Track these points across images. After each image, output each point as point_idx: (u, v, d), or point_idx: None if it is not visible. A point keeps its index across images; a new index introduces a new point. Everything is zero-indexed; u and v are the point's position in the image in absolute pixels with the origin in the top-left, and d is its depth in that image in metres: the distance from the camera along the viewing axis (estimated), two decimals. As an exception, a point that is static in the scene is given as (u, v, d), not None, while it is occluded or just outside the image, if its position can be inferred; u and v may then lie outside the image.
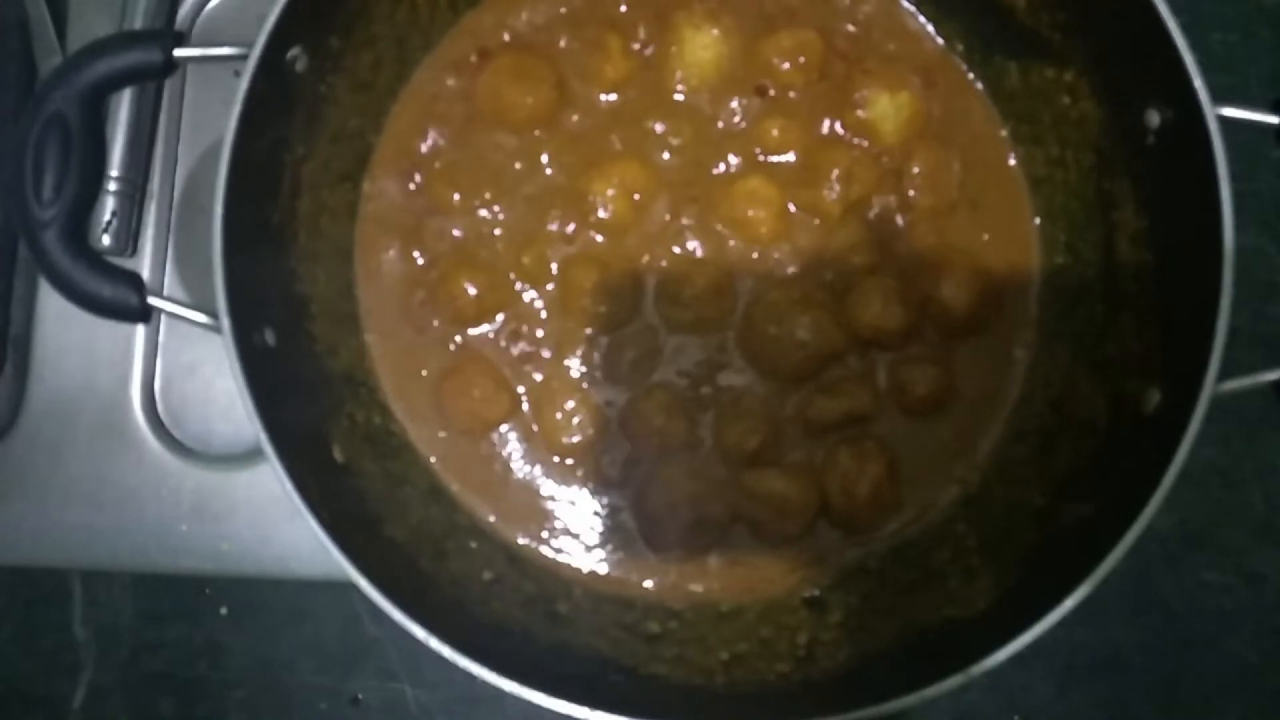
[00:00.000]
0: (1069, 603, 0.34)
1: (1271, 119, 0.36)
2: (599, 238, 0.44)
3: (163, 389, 0.49)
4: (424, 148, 0.45)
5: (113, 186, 0.47)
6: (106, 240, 0.47)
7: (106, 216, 0.47)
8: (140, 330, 0.49)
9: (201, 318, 0.37)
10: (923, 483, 0.43)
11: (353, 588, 0.35)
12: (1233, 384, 0.35)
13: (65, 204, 0.36)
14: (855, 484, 0.42)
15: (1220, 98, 0.35)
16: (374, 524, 0.40)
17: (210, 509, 0.48)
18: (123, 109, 0.48)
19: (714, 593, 0.43)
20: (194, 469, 0.48)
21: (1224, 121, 0.35)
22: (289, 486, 0.35)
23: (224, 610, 0.49)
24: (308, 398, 0.41)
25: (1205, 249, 0.35)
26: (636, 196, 0.44)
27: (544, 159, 0.45)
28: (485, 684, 0.35)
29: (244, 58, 0.36)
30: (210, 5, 0.50)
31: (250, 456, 0.47)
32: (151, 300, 0.37)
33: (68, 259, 0.36)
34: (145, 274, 0.49)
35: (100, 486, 0.48)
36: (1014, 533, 0.41)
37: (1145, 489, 0.34)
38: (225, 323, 0.36)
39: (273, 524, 0.47)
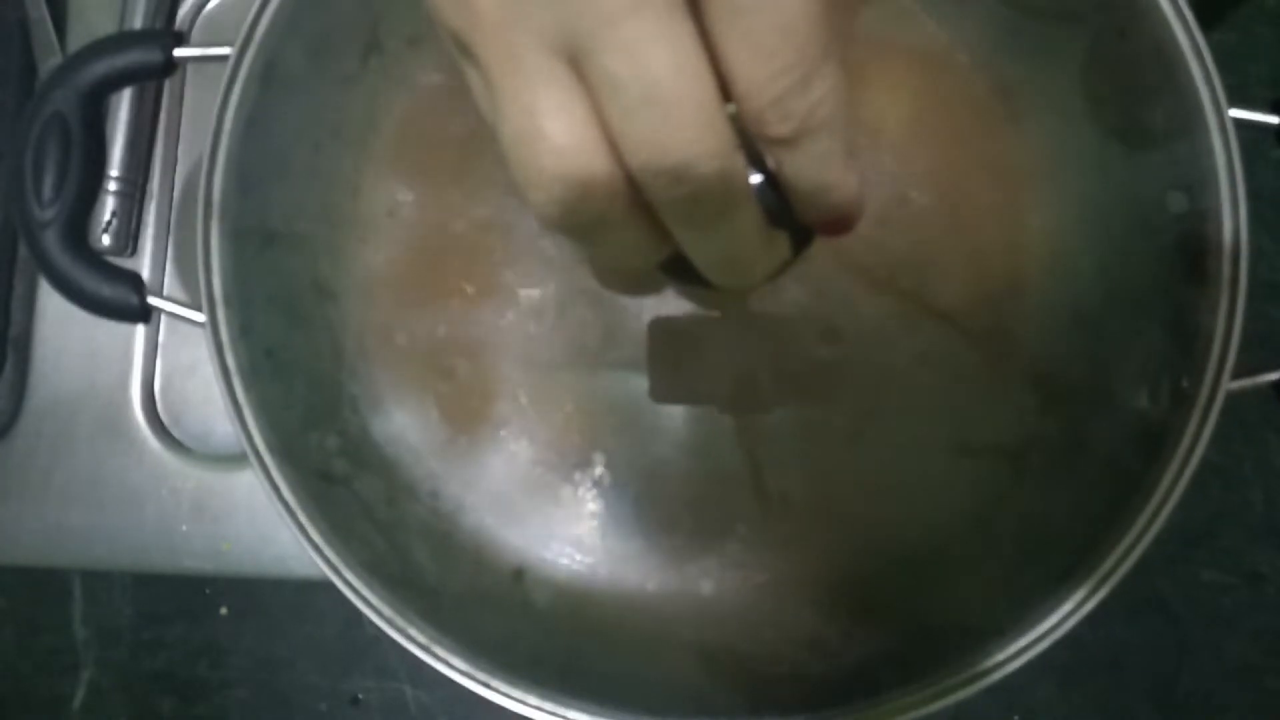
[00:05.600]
0: (1086, 608, 0.34)
1: (1272, 119, 0.36)
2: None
3: (163, 389, 0.49)
4: (424, 146, 0.45)
5: (113, 186, 0.47)
6: (106, 240, 0.47)
7: (106, 216, 0.47)
8: (140, 330, 0.49)
9: (201, 317, 0.37)
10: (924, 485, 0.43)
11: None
12: (1233, 384, 0.35)
13: (65, 204, 0.36)
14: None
15: (1220, 98, 0.35)
16: (370, 533, 0.40)
17: (210, 509, 0.48)
18: (123, 109, 0.48)
19: (716, 594, 0.43)
20: (194, 469, 0.48)
21: (1224, 121, 0.35)
22: (275, 499, 0.36)
23: (224, 610, 0.49)
24: (303, 401, 0.40)
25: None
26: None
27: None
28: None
29: (243, 57, 0.36)
30: (210, 5, 0.50)
31: (250, 456, 0.47)
32: (151, 300, 0.37)
33: (68, 259, 0.36)
34: (145, 274, 0.49)
35: (100, 486, 0.48)
36: (1016, 535, 0.40)
37: (1146, 490, 0.34)
38: (221, 324, 0.36)
39: (273, 524, 0.47)
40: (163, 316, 0.41)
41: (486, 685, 0.35)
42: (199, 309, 0.37)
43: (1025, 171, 0.44)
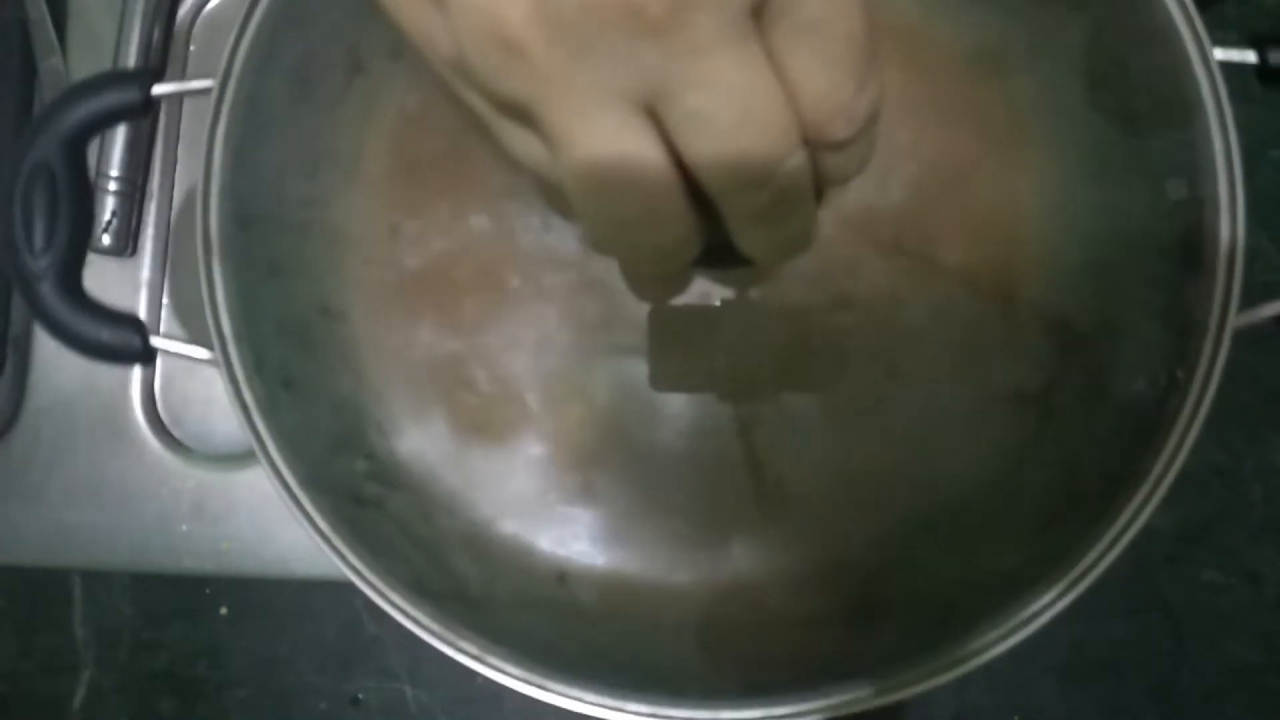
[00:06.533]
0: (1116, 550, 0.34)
1: (1248, 56, 0.36)
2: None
3: (163, 389, 0.49)
4: (419, 160, 0.45)
5: (113, 186, 0.47)
6: (106, 240, 0.47)
7: (106, 216, 0.47)
8: (140, 330, 0.49)
9: (205, 353, 0.36)
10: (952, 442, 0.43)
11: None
12: (1239, 320, 0.35)
13: (58, 252, 0.36)
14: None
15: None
16: (410, 552, 0.40)
17: (210, 509, 0.48)
18: (123, 109, 0.48)
19: (751, 578, 0.42)
20: (194, 469, 0.48)
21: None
22: (310, 529, 0.35)
23: (224, 610, 0.49)
24: (326, 428, 0.40)
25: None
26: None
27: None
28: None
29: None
30: (211, 4, 0.50)
31: (251, 456, 0.47)
32: (154, 341, 0.37)
33: (66, 308, 0.36)
34: (145, 274, 0.49)
35: (100, 486, 0.48)
36: (1046, 481, 0.40)
37: (1166, 428, 0.35)
38: (234, 361, 0.36)
39: (273, 524, 0.47)
40: (162, 314, 0.41)
41: (542, 688, 0.35)
42: (205, 330, 0.37)
43: (1021, 140, 0.43)
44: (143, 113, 0.36)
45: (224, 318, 0.37)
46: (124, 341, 0.37)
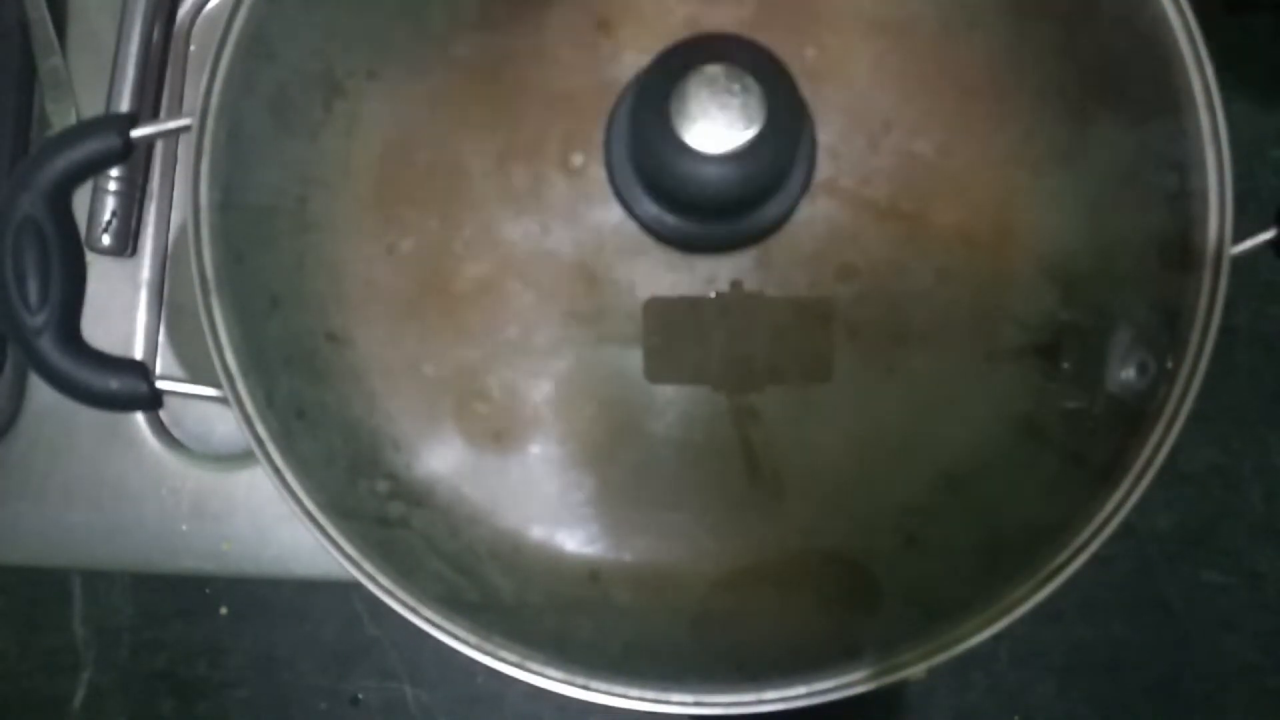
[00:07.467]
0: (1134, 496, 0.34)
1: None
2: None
3: (163, 389, 0.49)
4: (408, 177, 0.45)
5: (113, 186, 0.48)
6: (106, 240, 0.47)
7: (106, 216, 0.47)
8: (140, 329, 0.49)
9: (213, 391, 0.36)
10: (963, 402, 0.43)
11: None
12: (1235, 249, 0.35)
13: (54, 306, 0.35)
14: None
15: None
16: (441, 568, 0.39)
17: (210, 509, 0.48)
18: (124, 104, 0.48)
19: (779, 562, 0.42)
20: (194, 469, 0.48)
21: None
22: (338, 555, 0.35)
23: (224, 610, 0.49)
24: (343, 453, 0.40)
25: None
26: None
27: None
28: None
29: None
30: (210, 5, 0.50)
31: (251, 456, 0.47)
32: (160, 384, 0.36)
33: (69, 361, 0.36)
34: (145, 274, 0.49)
35: (100, 486, 0.48)
36: (1060, 433, 0.40)
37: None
38: (244, 398, 0.36)
39: (273, 524, 0.47)
40: (162, 312, 0.41)
41: (585, 688, 0.35)
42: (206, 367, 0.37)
43: (1002, 95, 0.42)
44: (124, 157, 0.36)
45: (229, 355, 0.36)
46: (131, 389, 0.36)
